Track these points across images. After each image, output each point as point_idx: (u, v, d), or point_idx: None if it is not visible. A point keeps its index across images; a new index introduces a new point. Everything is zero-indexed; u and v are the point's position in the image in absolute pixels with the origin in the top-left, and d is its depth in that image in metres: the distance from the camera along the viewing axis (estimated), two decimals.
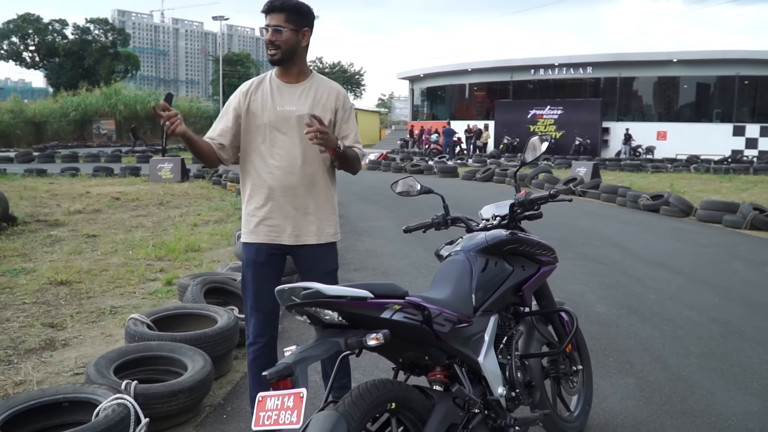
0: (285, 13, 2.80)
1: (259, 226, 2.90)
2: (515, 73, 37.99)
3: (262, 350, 2.95)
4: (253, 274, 2.93)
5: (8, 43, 53.63)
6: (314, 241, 2.91)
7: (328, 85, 2.98)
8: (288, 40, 2.81)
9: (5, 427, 2.60)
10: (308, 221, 2.90)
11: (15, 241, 8.41)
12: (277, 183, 2.86)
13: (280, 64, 2.87)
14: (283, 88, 2.90)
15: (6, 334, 4.67)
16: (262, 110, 2.87)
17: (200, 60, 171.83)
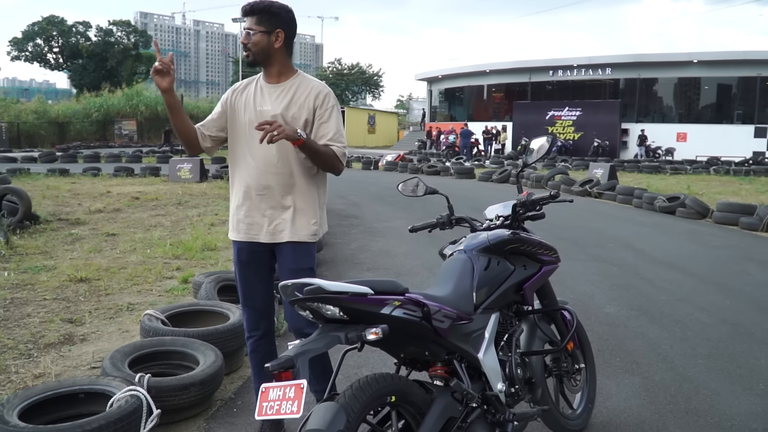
0: (256, 16, 2.88)
1: (239, 224, 2.99)
2: (533, 74, 37.88)
3: (258, 343, 3.08)
4: (240, 271, 3.04)
5: (33, 45, 54.44)
6: (288, 239, 2.94)
7: (310, 84, 2.99)
8: (258, 42, 2.87)
9: (23, 416, 2.71)
10: (283, 219, 2.94)
11: (37, 239, 8.60)
12: (254, 182, 2.93)
13: (254, 66, 2.96)
14: (265, 89, 2.97)
15: (27, 329, 4.81)
16: (243, 109, 2.97)
17: (220, 61, 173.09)
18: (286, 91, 2.95)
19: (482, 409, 2.49)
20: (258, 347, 3.09)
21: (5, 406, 2.72)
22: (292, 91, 2.95)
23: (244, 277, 3.04)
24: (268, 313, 3.11)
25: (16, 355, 4.26)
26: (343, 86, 68.34)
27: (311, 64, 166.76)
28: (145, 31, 62.63)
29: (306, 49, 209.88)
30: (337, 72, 69.57)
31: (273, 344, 3.17)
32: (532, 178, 16.87)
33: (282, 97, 2.94)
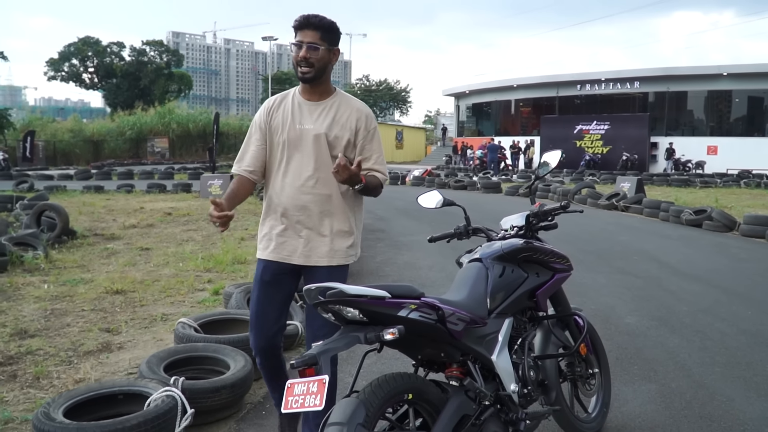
0: (321, 31, 2.80)
1: (270, 243, 2.90)
2: (561, 89, 37.86)
3: (265, 360, 3.00)
4: (258, 291, 2.94)
5: (69, 65, 55.86)
6: (325, 263, 2.88)
7: (352, 104, 2.94)
8: (323, 58, 2.80)
9: (67, 414, 2.92)
10: (320, 242, 2.86)
11: (75, 253, 8.92)
12: (289, 201, 2.85)
13: (311, 82, 2.84)
14: (304, 106, 2.89)
15: (67, 338, 5.05)
16: (282, 127, 2.88)
17: (250, 79, 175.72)
18: (328, 110, 2.89)
19: (495, 408, 2.63)
20: (267, 361, 3.00)
21: (51, 405, 2.93)
22: (334, 110, 2.89)
23: (260, 298, 2.93)
24: (277, 336, 3.00)
25: (57, 362, 4.50)
26: (371, 102, 68.87)
27: (339, 80, 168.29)
28: (177, 51, 63.97)
29: (335, 66, 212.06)
30: (365, 88, 70.20)
31: (279, 357, 3.05)
32: (558, 192, 16.90)
33: (324, 116, 2.87)
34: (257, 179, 2.95)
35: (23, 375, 4.25)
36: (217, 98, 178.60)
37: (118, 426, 2.73)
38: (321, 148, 2.84)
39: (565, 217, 3.07)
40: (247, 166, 2.92)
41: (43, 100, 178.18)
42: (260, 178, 2.96)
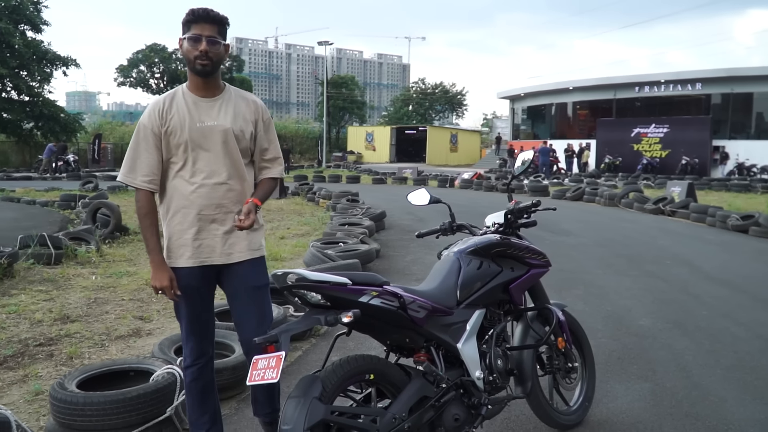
0: (219, 26, 2.74)
1: (184, 249, 2.78)
2: (618, 91, 37.17)
3: (202, 370, 2.92)
4: (188, 298, 2.81)
5: (137, 72, 58.01)
6: (246, 257, 2.85)
7: (246, 96, 2.91)
8: (220, 53, 2.74)
9: (81, 386, 3.24)
10: (238, 238, 2.81)
11: (124, 248, 9.46)
12: (203, 201, 2.76)
13: (209, 76, 2.76)
14: (200, 103, 2.78)
15: (103, 324, 5.46)
16: (181, 128, 2.74)
17: (310, 83, 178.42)
18: (225, 104, 2.81)
19: (458, 392, 2.80)
20: (201, 375, 2.92)
21: (67, 377, 3.27)
22: (232, 104, 2.83)
23: (192, 304, 2.84)
24: (212, 338, 2.99)
25: (90, 345, 4.89)
26: (427, 105, 69.05)
27: (398, 83, 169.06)
28: (238, 56, 65.63)
29: (393, 69, 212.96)
30: (420, 91, 70.40)
31: (213, 370, 3.01)
32: (605, 196, 16.71)
33: (224, 111, 2.80)
34: (156, 188, 2.80)
35: (59, 354, 4.65)
36: (278, 102, 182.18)
37: (120, 396, 3.04)
38: (229, 143, 2.77)
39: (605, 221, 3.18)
40: (145, 175, 2.75)
41: (114, 104, 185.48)
42: (158, 187, 2.80)
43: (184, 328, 2.91)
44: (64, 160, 31.32)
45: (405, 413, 2.55)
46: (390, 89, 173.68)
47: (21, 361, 4.50)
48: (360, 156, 50.22)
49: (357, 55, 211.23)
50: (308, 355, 4.70)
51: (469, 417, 2.83)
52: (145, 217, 2.79)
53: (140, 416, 3.08)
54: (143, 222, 2.80)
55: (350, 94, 60.11)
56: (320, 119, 57.42)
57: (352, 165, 42.65)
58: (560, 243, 10.15)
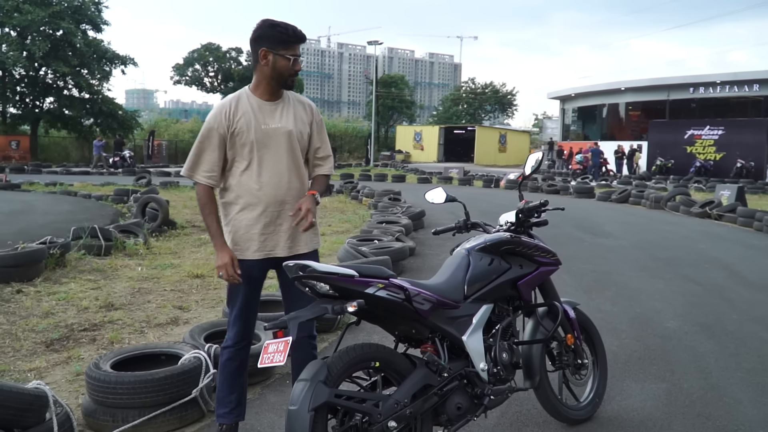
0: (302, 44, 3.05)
1: (250, 243, 3.01)
2: (672, 92, 36.30)
3: (239, 352, 3.15)
4: (247, 287, 3.06)
5: (192, 70, 59.43)
6: (305, 250, 3.10)
7: (301, 100, 3.15)
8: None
9: (115, 367, 3.49)
10: (299, 232, 3.03)
11: (171, 241, 9.85)
12: (268, 198, 2.99)
13: (290, 89, 3.08)
14: (264, 106, 3.00)
15: (144, 312, 5.76)
16: (247, 129, 2.96)
17: (361, 82, 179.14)
18: (286, 108, 3.05)
19: (462, 382, 2.93)
20: (237, 356, 3.15)
21: (102, 358, 3.53)
22: (292, 108, 3.07)
23: (249, 292, 3.08)
24: (254, 323, 3.25)
25: (131, 331, 5.19)
26: (476, 105, 68.69)
27: (449, 83, 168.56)
28: None
29: (444, 69, 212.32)
30: (470, 91, 70.07)
31: (248, 354, 3.23)
32: (651, 198, 16.45)
33: (285, 114, 3.04)
34: (215, 184, 3.04)
35: (101, 339, 4.96)
36: (329, 101, 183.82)
37: (148, 377, 3.27)
38: (292, 144, 3.02)
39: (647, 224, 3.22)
40: (206, 171, 3.00)
41: (171, 102, 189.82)
42: (218, 183, 3.06)
43: (234, 312, 3.13)
44: (120, 156, 32.40)
45: (407, 399, 2.69)
46: (441, 89, 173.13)
47: (66, 345, 4.82)
48: (408, 155, 50.35)
49: (408, 54, 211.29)
50: (334, 346, 4.88)
51: (471, 406, 2.95)
52: (204, 207, 3.05)
53: (167, 396, 3.32)
54: (204, 211, 3.05)
55: (399, 93, 60.28)
56: (369, 118, 57.82)
57: (400, 164, 42.82)
58: (598, 245, 10.10)
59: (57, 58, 35.29)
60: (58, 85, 38.02)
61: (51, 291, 6.36)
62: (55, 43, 35.57)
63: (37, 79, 37.14)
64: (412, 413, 2.70)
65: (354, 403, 2.60)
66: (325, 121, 31.06)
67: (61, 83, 38.03)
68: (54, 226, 10.30)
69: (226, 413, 3.15)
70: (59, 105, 38.10)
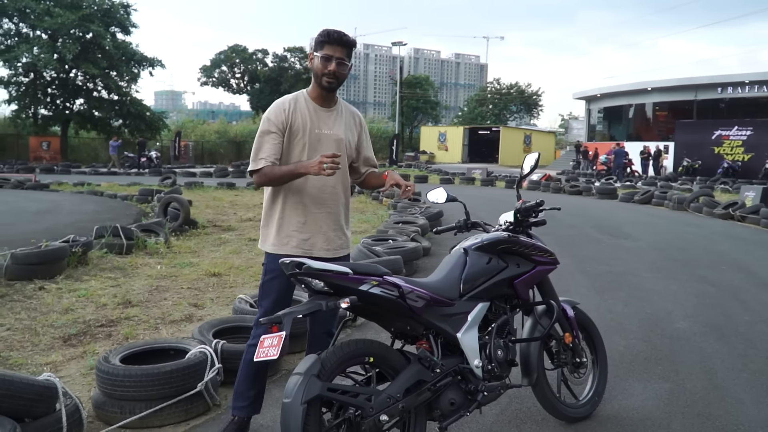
0: (348, 49, 3.10)
1: (290, 239, 3.15)
2: (700, 92, 35.80)
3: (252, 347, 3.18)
4: (279, 284, 3.17)
5: (219, 72, 60.17)
6: (343, 254, 3.26)
7: (350, 109, 3.34)
8: (345, 74, 3.12)
9: (124, 361, 3.61)
10: (338, 236, 3.22)
11: (191, 240, 10.02)
12: (310, 200, 3.13)
13: (332, 92, 3.17)
14: (320, 112, 3.17)
15: (160, 309, 5.90)
16: (302, 131, 3.12)
17: (387, 83, 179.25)
18: (338, 116, 3.22)
19: (455, 378, 2.99)
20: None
21: (112, 352, 3.65)
22: (343, 116, 3.24)
23: (279, 290, 3.19)
24: None
25: (146, 327, 5.33)
26: (501, 106, 68.39)
27: (475, 83, 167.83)
28: None
29: (470, 69, 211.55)
30: (495, 92, 69.80)
31: None
32: (674, 200, 16.28)
33: (338, 122, 3.21)
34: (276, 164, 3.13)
35: (116, 335, 5.10)
36: (355, 101, 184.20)
37: (155, 371, 3.39)
38: (340, 150, 3.13)
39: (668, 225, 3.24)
40: (267, 157, 3.08)
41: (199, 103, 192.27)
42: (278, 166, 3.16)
43: (264, 307, 3.21)
44: (147, 157, 32.91)
45: (400, 394, 2.76)
46: (467, 89, 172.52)
47: (83, 340, 4.97)
48: (432, 156, 50.35)
49: (434, 55, 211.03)
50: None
51: (465, 402, 3.01)
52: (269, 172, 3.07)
53: (172, 389, 3.42)
54: (273, 174, 3.07)
55: (424, 94, 60.27)
56: (394, 119, 57.92)
57: (424, 165, 42.84)
58: (616, 246, 10.05)
59: (87, 60, 36.02)
60: (88, 86, 38.80)
61: (72, 288, 6.55)
62: (85, 45, 36.31)
63: (67, 81, 37.93)
64: (405, 407, 2.76)
65: (346, 396, 2.67)
66: None
67: (91, 85, 38.81)
68: (79, 225, 10.55)
69: (244, 407, 3.26)
70: (89, 106, 38.89)
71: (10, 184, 20.04)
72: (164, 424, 3.44)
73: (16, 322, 5.36)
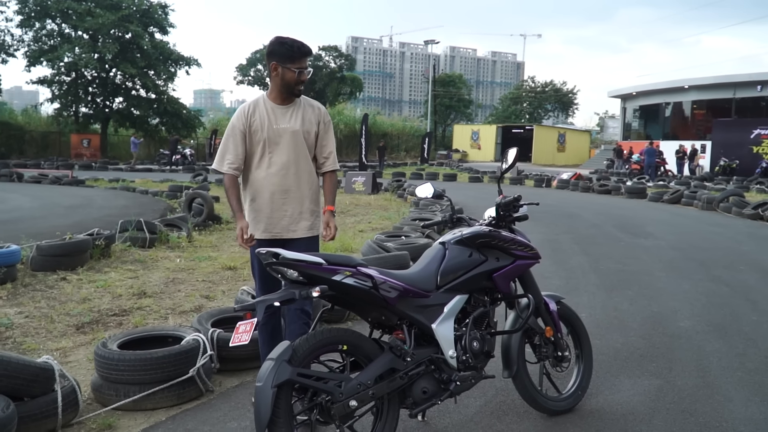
0: (310, 58, 3.58)
1: (259, 224, 3.52)
2: (738, 90, 34.97)
3: (270, 317, 3.53)
4: (258, 264, 3.47)
5: (254, 71, 60.80)
6: (307, 234, 3.58)
7: (311, 104, 3.64)
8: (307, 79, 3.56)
9: (122, 347, 3.77)
10: (300, 218, 3.56)
11: (213, 235, 10.27)
12: (275, 188, 3.50)
13: (298, 96, 3.55)
14: (276, 109, 3.51)
15: (172, 300, 6.10)
16: (261, 128, 3.48)
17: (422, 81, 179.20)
18: (296, 111, 3.54)
19: (429, 367, 3.08)
20: (270, 320, 3.54)
21: (110, 339, 3.83)
22: (301, 111, 3.56)
23: (261, 269, 3.45)
24: None
25: (156, 317, 5.52)
26: (536, 104, 67.76)
27: (511, 82, 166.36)
28: (350, 55, 67.18)
29: (507, 68, 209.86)
30: (530, 90, 69.16)
31: (280, 322, 3.59)
32: (703, 199, 16.00)
33: (295, 117, 3.53)
34: (238, 173, 3.54)
35: (127, 324, 5.30)
36: (390, 100, 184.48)
37: (148, 356, 3.55)
38: (297, 142, 3.52)
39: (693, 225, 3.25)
40: (231, 162, 3.50)
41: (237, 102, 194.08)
42: (240, 173, 3.56)
43: (257, 285, 3.63)
44: (181, 154, 33.53)
45: (371, 381, 2.86)
46: (503, 87, 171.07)
47: (94, 328, 5.18)
48: (465, 154, 50.18)
49: (470, 53, 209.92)
50: None
51: (438, 391, 3.10)
52: (228, 190, 3.54)
53: (165, 374, 3.59)
54: (228, 194, 3.54)
55: (457, 92, 60.06)
56: (427, 117, 57.86)
57: (456, 163, 42.74)
58: (635, 245, 9.97)
59: (125, 59, 36.81)
60: (127, 85, 39.64)
61: (92, 279, 6.80)
62: (124, 45, 37.11)
63: (107, 80, 38.82)
64: (375, 394, 2.86)
65: (316, 381, 2.78)
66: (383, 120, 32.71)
67: (129, 84, 39.63)
68: (107, 219, 10.89)
69: None
70: (127, 105, 39.73)
71: (48, 180, 20.69)
72: (157, 407, 3.60)
73: (35, 310, 5.60)
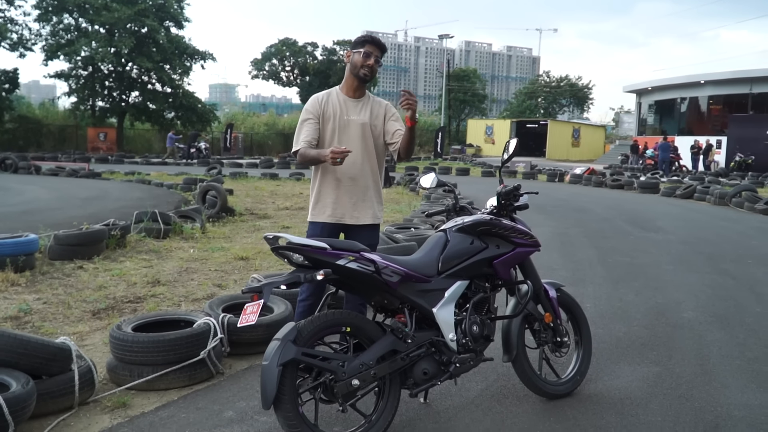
0: (382, 51, 3.83)
1: (325, 209, 3.79)
2: (755, 85, 34.67)
3: (308, 305, 3.75)
4: (321, 232, 3.75)
5: (269, 65, 61.00)
6: (369, 222, 3.84)
7: (378, 101, 3.97)
8: (376, 71, 3.85)
9: (136, 330, 3.92)
10: (364, 206, 3.82)
11: (226, 227, 10.42)
12: (342, 175, 3.76)
13: (365, 83, 3.84)
14: (348, 102, 3.84)
15: (185, 288, 6.25)
16: (333, 117, 3.79)
17: (437, 76, 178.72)
18: (365, 106, 3.88)
19: (430, 350, 3.19)
20: (307, 309, 3.72)
21: (125, 322, 3.98)
22: (369, 106, 3.89)
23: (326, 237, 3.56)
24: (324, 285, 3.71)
25: (169, 304, 5.67)
26: (551, 99, 67.47)
27: (527, 76, 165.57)
28: None
29: (522, 62, 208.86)
30: (545, 85, 68.87)
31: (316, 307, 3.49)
32: (715, 195, 15.96)
33: (364, 110, 3.86)
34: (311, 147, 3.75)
35: (141, 310, 5.45)
36: None
37: (160, 338, 3.69)
38: (365, 134, 3.82)
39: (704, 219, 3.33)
40: (304, 140, 3.73)
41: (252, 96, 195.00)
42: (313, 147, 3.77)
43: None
44: (196, 148, 33.80)
45: (372, 361, 2.99)
46: (518, 82, 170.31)
47: (110, 314, 5.34)
48: (479, 149, 50.16)
49: (485, 47, 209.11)
50: None
51: (438, 372, 3.21)
52: (303, 154, 3.72)
53: (177, 356, 3.72)
54: (305, 157, 3.72)
55: (472, 87, 59.94)
56: (440, 112, 57.80)
57: (470, 158, 42.74)
58: (645, 238, 10.01)
59: (141, 54, 37.18)
60: (143, 79, 40.02)
61: (107, 268, 6.97)
62: (140, 39, 37.47)
63: (123, 74, 39.21)
64: (377, 374, 2.98)
65: (320, 361, 2.91)
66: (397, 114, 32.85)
67: (145, 78, 40.02)
68: (123, 210, 11.07)
69: None
70: (143, 99, 40.12)
71: (65, 173, 21.00)
72: (169, 387, 3.74)
73: (53, 296, 5.78)
